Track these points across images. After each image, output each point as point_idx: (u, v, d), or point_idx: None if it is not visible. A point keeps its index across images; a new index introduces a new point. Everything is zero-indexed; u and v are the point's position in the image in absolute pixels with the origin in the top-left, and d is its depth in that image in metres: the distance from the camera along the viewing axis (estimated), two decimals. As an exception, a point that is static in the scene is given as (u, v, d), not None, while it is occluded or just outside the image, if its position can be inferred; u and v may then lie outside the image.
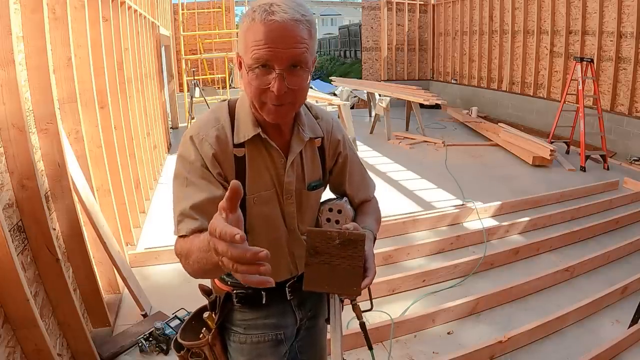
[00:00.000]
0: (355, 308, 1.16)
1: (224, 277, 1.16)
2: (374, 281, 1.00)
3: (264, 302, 1.16)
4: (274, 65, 0.90)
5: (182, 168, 1.02)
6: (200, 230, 0.93)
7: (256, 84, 0.92)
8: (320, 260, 0.93)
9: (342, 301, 1.16)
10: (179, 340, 1.20)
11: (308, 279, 0.94)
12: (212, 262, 0.79)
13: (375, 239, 1.14)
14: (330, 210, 1.18)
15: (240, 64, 0.98)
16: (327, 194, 1.25)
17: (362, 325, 1.20)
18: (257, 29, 0.89)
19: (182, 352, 1.21)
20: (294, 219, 1.13)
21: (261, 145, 1.05)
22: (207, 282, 1.26)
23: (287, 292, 1.18)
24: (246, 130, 1.03)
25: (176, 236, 0.99)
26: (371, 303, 1.22)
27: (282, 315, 1.21)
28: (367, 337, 1.23)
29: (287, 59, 0.90)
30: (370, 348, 1.24)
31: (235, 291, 1.15)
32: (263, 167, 1.06)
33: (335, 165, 1.20)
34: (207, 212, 0.94)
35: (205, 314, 1.22)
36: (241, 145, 1.03)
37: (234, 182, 0.68)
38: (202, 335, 1.18)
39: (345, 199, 1.21)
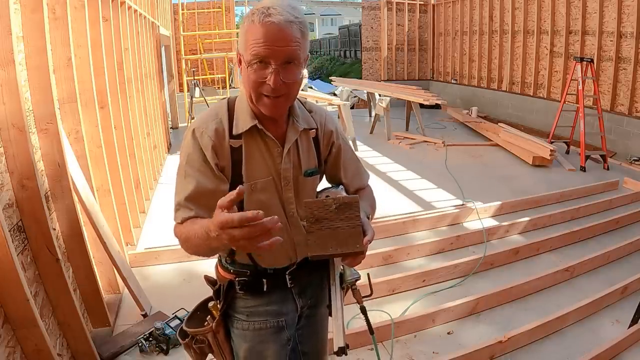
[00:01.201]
0: (356, 293, 1.21)
1: (227, 265, 1.22)
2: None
3: (265, 289, 1.22)
4: (270, 61, 1.01)
5: (183, 160, 1.13)
6: (194, 218, 1.07)
7: (254, 77, 1.03)
8: (321, 226, 0.99)
9: (343, 288, 1.19)
10: (184, 327, 1.26)
11: (312, 246, 0.99)
12: (210, 248, 0.98)
13: (369, 219, 1.19)
14: (327, 197, 1.21)
15: (240, 61, 1.08)
16: (324, 185, 1.30)
17: (363, 309, 1.22)
18: (256, 29, 1.00)
19: (186, 339, 1.27)
20: (293, 204, 1.20)
21: (258, 136, 1.14)
22: (212, 273, 1.32)
23: (288, 280, 1.23)
24: (244, 122, 1.13)
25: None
26: (370, 288, 1.27)
27: (283, 302, 1.26)
28: (367, 321, 1.25)
29: (282, 56, 1.01)
30: (372, 332, 1.26)
31: (237, 279, 1.21)
32: (259, 156, 1.15)
33: (330, 155, 1.28)
34: (200, 203, 1.09)
35: (210, 304, 1.28)
36: (238, 137, 1.12)
37: (241, 188, 0.83)
38: (206, 323, 1.25)
39: (341, 187, 1.28)
